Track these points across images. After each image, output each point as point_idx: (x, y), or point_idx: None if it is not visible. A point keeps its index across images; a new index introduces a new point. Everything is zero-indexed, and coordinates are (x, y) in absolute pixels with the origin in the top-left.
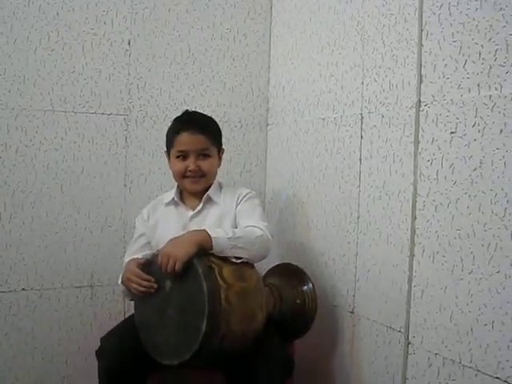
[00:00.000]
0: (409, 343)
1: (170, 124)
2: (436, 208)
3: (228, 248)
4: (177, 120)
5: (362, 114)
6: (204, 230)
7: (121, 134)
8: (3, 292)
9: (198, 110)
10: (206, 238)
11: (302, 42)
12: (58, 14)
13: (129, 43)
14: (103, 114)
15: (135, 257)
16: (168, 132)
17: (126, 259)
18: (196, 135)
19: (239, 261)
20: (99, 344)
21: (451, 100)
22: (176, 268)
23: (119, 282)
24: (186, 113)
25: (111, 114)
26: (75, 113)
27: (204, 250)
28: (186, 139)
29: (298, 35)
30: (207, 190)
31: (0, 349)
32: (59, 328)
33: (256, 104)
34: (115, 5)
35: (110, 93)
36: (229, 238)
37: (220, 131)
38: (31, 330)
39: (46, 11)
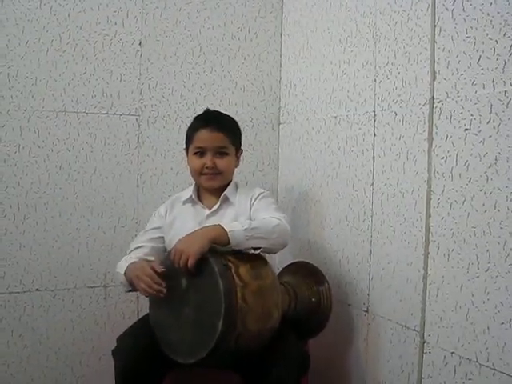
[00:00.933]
0: (424, 342)
1: (181, 124)
2: (451, 205)
3: (244, 239)
4: (197, 117)
5: (374, 111)
6: (218, 224)
7: (133, 135)
8: (17, 292)
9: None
10: (221, 233)
11: (314, 40)
12: (69, 15)
13: (140, 43)
14: (115, 114)
15: (142, 245)
16: (188, 129)
17: (133, 245)
18: (214, 133)
19: (258, 251)
20: (113, 344)
21: (465, 96)
22: (188, 264)
23: (121, 270)
24: (207, 111)
25: (123, 114)
26: (87, 113)
27: (220, 245)
28: (204, 136)
29: (310, 33)
30: (224, 189)
31: (15, 349)
32: (73, 328)
33: (268, 103)
34: (126, 5)
35: (122, 93)
36: (245, 230)
37: (240, 131)
38: (45, 330)
39: (57, 13)
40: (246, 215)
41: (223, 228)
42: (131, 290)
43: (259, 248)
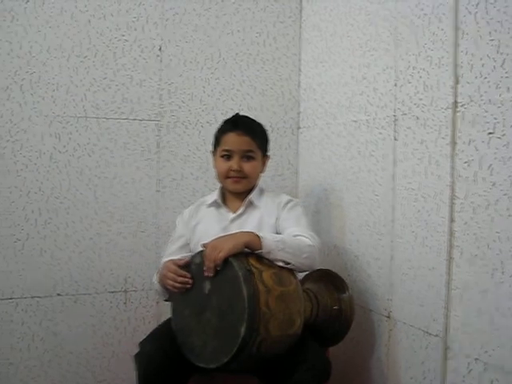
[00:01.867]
0: (447, 348)
1: (201, 129)
2: (474, 210)
3: (276, 249)
4: (226, 120)
5: (395, 115)
6: (252, 231)
7: (153, 140)
8: (39, 297)
9: (228, 114)
10: (254, 239)
11: (333, 44)
12: (89, 21)
13: (160, 49)
14: (135, 119)
15: (173, 258)
16: (216, 131)
17: (164, 259)
18: (242, 136)
19: (287, 266)
20: (133, 348)
21: (489, 100)
22: (218, 258)
23: (154, 280)
24: (236, 115)
25: (143, 119)
26: (107, 119)
27: (251, 250)
28: (232, 139)
29: (329, 37)
30: (249, 193)
31: (36, 353)
32: (94, 333)
33: (287, 107)
34: (146, 11)
35: (142, 98)
36: (276, 241)
37: (267, 137)
38: (66, 334)
39: (78, 19)
40: (271, 221)
41: (257, 235)
42: (168, 299)
43: (288, 263)
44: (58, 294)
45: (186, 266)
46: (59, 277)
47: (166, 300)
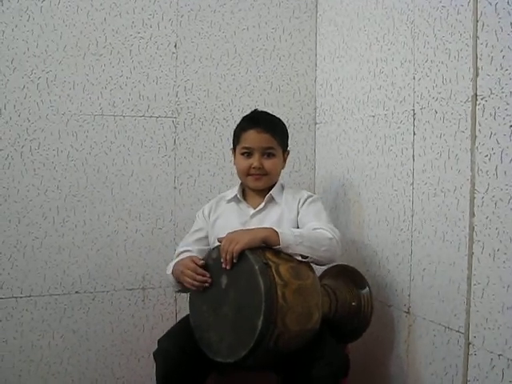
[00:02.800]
0: (469, 344)
1: (217, 125)
2: (496, 204)
3: (294, 244)
4: (245, 117)
5: (413, 109)
6: (270, 227)
7: (169, 137)
8: (58, 295)
9: (245, 110)
10: (272, 234)
11: (349, 38)
12: (105, 19)
13: (175, 46)
14: (151, 116)
15: (189, 248)
16: (235, 129)
17: (180, 249)
18: (262, 133)
19: (305, 260)
20: (152, 346)
21: (510, 92)
22: (234, 250)
23: (169, 271)
24: (255, 111)
25: (159, 116)
26: (124, 116)
27: (270, 246)
28: (252, 136)
29: (345, 32)
30: (269, 190)
31: (56, 350)
32: (112, 330)
33: (303, 103)
34: (161, 8)
35: (158, 96)
36: (295, 236)
37: (287, 133)
38: (85, 332)
39: (93, 17)
40: (292, 216)
41: (274, 230)
42: (180, 291)
43: (307, 257)
44: (77, 292)
45: (205, 266)
46: (77, 274)
47: (178, 291)
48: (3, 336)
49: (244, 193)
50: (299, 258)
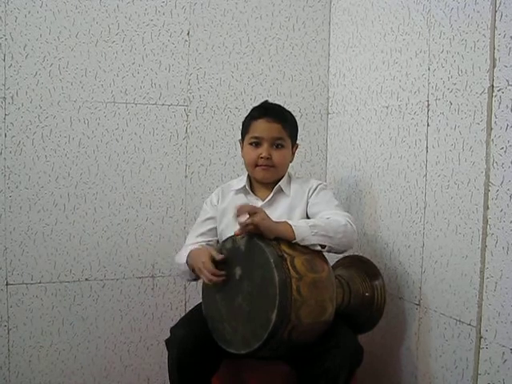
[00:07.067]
0: (481, 337)
1: (229, 114)
2: (510, 197)
3: (310, 235)
4: (255, 107)
5: (428, 101)
6: (285, 221)
7: (181, 125)
8: (67, 282)
9: (257, 99)
10: (287, 228)
11: (363, 28)
12: (118, 6)
13: (188, 33)
14: (163, 104)
15: (200, 240)
16: (245, 119)
17: (190, 241)
18: (272, 123)
19: (324, 249)
20: (161, 334)
21: None
22: (255, 222)
23: (182, 260)
24: (266, 102)
25: (171, 104)
26: (136, 104)
27: (285, 239)
28: (262, 126)
29: (359, 21)
30: (277, 182)
31: (66, 337)
32: (121, 318)
33: (316, 93)
34: None
35: (170, 84)
36: (310, 226)
37: (297, 125)
38: (94, 319)
39: (106, 4)
40: (301, 206)
41: (288, 223)
42: (195, 279)
43: (324, 246)
44: (87, 279)
45: (223, 262)
46: (87, 262)
47: (191, 280)
48: (14, 322)
49: (251, 185)
50: (318, 248)
